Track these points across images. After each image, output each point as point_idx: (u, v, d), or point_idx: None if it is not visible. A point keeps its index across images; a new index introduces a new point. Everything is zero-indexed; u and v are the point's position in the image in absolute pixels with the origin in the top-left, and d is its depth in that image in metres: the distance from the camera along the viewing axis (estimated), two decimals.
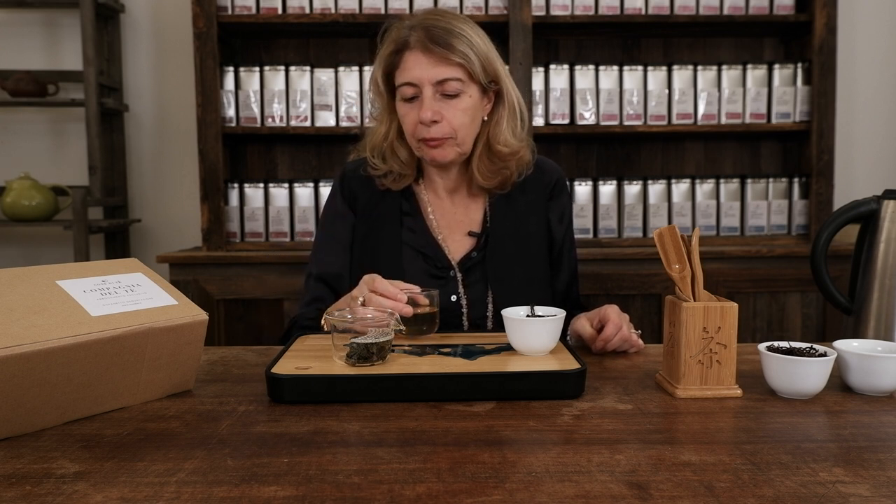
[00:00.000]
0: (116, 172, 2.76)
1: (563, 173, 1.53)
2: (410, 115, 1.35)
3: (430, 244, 1.42)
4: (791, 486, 0.70)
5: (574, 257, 1.53)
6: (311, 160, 2.77)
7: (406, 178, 1.44)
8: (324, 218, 1.50)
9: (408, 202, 1.45)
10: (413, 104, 1.35)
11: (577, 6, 2.49)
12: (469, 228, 1.45)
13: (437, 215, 1.45)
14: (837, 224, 1.31)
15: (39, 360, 0.83)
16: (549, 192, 1.49)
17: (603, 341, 1.20)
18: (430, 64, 1.32)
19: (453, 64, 1.32)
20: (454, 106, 1.34)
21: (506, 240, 1.43)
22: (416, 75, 1.32)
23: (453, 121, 1.34)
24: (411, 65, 1.33)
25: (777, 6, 2.51)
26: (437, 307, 1.22)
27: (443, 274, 1.40)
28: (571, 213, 1.54)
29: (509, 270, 1.41)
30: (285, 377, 0.96)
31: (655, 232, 1.03)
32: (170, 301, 1.00)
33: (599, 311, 1.24)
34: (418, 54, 1.32)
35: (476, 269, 1.41)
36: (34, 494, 0.69)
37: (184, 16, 2.67)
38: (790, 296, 2.44)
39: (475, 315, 1.39)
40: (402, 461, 0.76)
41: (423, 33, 1.32)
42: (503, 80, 1.39)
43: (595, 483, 0.70)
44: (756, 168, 2.80)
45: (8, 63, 2.70)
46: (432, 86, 1.32)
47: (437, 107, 1.33)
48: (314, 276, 1.45)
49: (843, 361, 1.00)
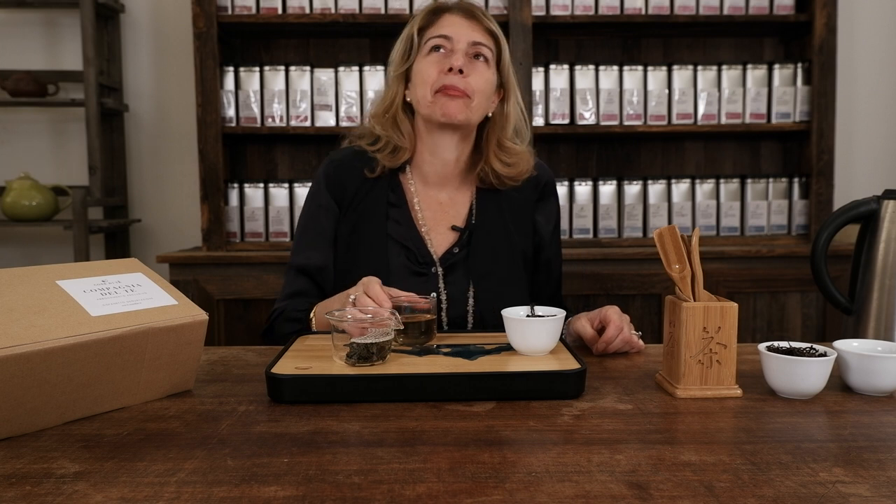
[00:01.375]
0: (116, 172, 2.76)
1: (552, 176, 1.54)
2: (435, 65, 1.38)
3: (414, 237, 1.40)
4: (791, 486, 0.70)
5: (560, 261, 1.53)
6: (311, 160, 2.77)
7: (402, 152, 1.43)
8: (306, 209, 1.47)
9: (394, 193, 1.44)
10: (440, 56, 1.39)
11: (577, 6, 2.49)
12: (453, 222, 1.44)
13: (422, 206, 1.44)
14: (837, 224, 1.31)
15: (39, 360, 0.83)
16: (538, 193, 1.49)
17: (605, 343, 1.20)
18: (469, 26, 1.40)
19: (489, 33, 1.41)
20: (480, 71, 1.39)
21: (490, 236, 1.42)
22: (454, 31, 1.39)
23: (475, 82, 1.38)
24: (449, 23, 1.40)
25: (777, 6, 2.51)
26: (435, 314, 1.21)
27: (424, 270, 1.38)
28: (559, 216, 1.53)
29: (492, 267, 1.40)
30: (285, 377, 0.96)
31: (655, 232, 1.03)
32: (170, 301, 1.00)
33: (600, 312, 1.24)
34: (458, 16, 1.41)
35: (458, 266, 1.40)
36: (34, 494, 0.69)
37: (184, 16, 2.67)
38: (790, 296, 2.44)
39: (455, 314, 1.37)
40: (402, 461, 0.76)
41: (464, 3, 1.44)
42: (512, 88, 1.45)
43: (595, 483, 0.70)
44: (756, 168, 2.80)
45: (8, 63, 2.70)
46: (466, 44, 1.38)
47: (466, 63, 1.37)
48: (295, 269, 1.43)
49: (843, 361, 1.00)
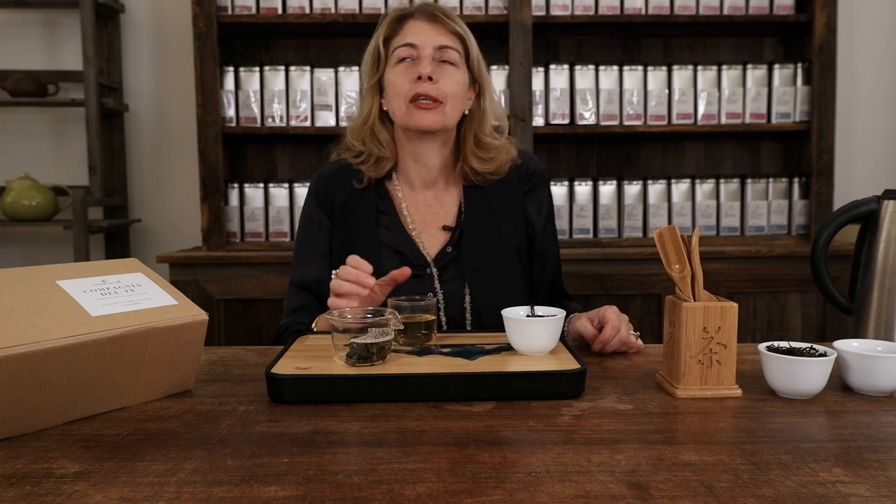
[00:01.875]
0: (116, 172, 2.76)
1: (543, 167, 1.53)
2: (405, 75, 1.37)
3: (405, 240, 1.41)
4: (791, 486, 0.70)
5: (556, 249, 1.52)
6: (311, 160, 2.77)
7: (385, 162, 1.44)
8: (301, 225, 1.49)
9: (382, 200, 1.44)
10: (407, 65, 1.38)
11: (577, 6, 2.49)
12: (444, 223, 1.44)
13: (411, 210, 1.44)
14: (837, 224, 1.31)
15: (39, 360, 0.83)
16: (527, 184, 1.48)
17: (601, 343, 1.21)
18: (433, 31, 1.38)
19: (454, 35, 1.39)
20: (449, 74, 1.38)
21: (481, 233, 1.42)
22: (418, 38, 1.37)
23: (446, 87, 1.37)
24: (413, 30, 1.39)
25: (777, 6, 2.51)
26: (434, 315, 1.21)
27: (419, 272, 1.38)
28: (552, 206, 1.53)
29: (484, 264, 1.40)
30: (285, 377, 0.96)
31: (655, 232, 1.03)
32: (170, 301, 1.00)
33: (599, 312, 1.24)
34: (421, 21, 1.39)
35: (452, 265, 1.40)
36: (34, 494, 0.69)
37: (184, 16, 2.67)
38: (790, 296, 2.44)
39: (453, 312, 1.38)
40: (402, 461, 0.76)
41: (426, 7, 1.41)
42: (486, 84, 1.44)
43: (595, 483, 0.70)
44: (756, 168, 2.80)
45: (8, 63, 2.70)
46: (432, 49, 1.37)
47: (434, 69, 1.36)
48: (296, 285, 1.44)
49: (843, 361, 1.00)
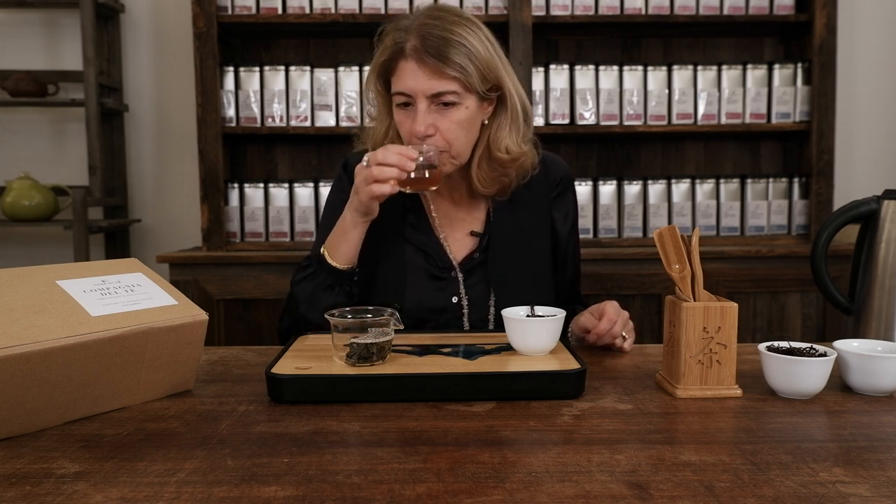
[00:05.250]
0: (116, 172, 2.76)
1: (569, 170, 1.49)
2: (406, 124, 1.31)
3: (433, 243, 1.41)
4: (791, 486, 0.70)
5: (578, 256, 1.52)
6: (311, 160, 2.77)
7: None
8: (329, 202, 1.46)
9: (409, 199, 1.43)
10: (408, 111, 1.30)
11: (577, 6, 2.49)
12: (471, 228, 1.43)
13: (439, 213, 1.44)
14: (837, 224, 1.31)
15: (39, 360, 0.83)
16: (554, 190, 1.46)
17: (595, 335, 1.23)
18: (425, 76, 1.26)
19: (448, 77, 1.26)
20: (449, 118, 1.28)
21: (508, 240, 1.41)
22: (411, 86, 1.27)
23: (447, 134, 1.29)
24: (405, 75, 1.28)
25: (777, 6, 2.51)
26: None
27: (444, 275, 1.38)
28: (577, 212, 1.51)
29: (511, 271, 1.40)
30: (285, 377, 0.96)
31: (655, 232, 1.03)
32: (170, 301, 1.00)
33: (600, 306, 1.26)
34: (413, 65, 1.26)
35: (477, 270, 1.40)
36: (34, 494, 0.69)
37: (184, 16, 2.67)
38: (790, 296, 2.44)
39: (475, 317, 1.38)
40: (402, 461, 0.76)
41: (418, 41, 1.26)
42: (506, 85, 1.33)
43: (595, 483, 0.70)
44: (756, 168, 2.80)
45: (8, 63, 2.70)
46: (426, 98, 1.27)
47: (431, 119, 1.28)
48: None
49: (843, 361, 1.00)
